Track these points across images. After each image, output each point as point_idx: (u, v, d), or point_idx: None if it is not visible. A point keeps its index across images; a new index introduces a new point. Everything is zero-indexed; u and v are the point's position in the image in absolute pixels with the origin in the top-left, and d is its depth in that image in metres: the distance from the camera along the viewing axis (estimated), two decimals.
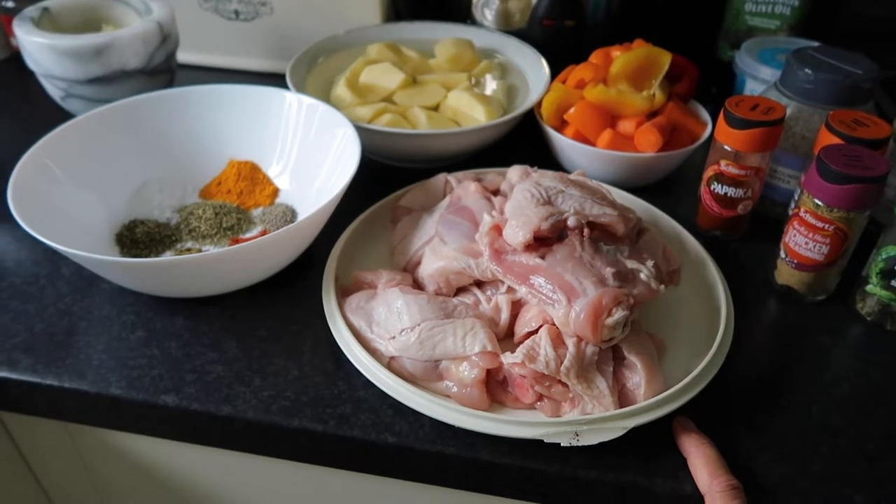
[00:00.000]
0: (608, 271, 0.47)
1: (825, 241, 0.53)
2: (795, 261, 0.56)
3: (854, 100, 0.59)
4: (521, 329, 0.50)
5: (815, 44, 0.68)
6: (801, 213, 0.54)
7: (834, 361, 0.53)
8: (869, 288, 0.55)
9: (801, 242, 0.54)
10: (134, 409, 0.49)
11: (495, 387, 0.48)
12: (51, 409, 0.52)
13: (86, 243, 0.56)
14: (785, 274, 0.57)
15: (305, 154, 0.66)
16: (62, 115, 0.69)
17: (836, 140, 0.54)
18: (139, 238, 0.60)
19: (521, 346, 0.47)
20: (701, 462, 0.43)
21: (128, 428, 0.52)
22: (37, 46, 0.69)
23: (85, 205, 0.60)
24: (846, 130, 0.54)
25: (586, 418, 0.44)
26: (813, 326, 0.56)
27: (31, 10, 0.73)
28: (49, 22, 0.74)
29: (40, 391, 0.50)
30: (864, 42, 0.70)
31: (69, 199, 0.58)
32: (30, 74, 0.74)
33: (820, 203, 0.52)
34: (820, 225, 0.53)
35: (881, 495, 0.44)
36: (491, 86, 0.77)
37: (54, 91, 0.73)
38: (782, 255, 0.57)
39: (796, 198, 0.56)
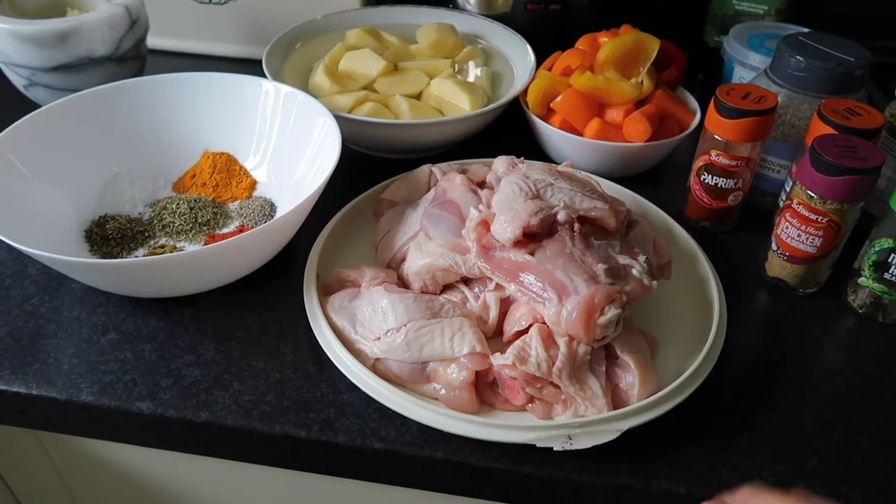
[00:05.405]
0: (600, 268, 0.46)
1: (818, 233, 0.52)
2: (787, 253, 0.55)
3: (846, 88, 0.58)
4: (510, 328, 0.48)
5: (804, 29, 0.67)
6: (794, 205, 0.53)
7: (826, 355, 0.52)
8: (861, 280, 0.54)
9: (794, 235, 0.53)
10: (107, 416, 0.47)
11: (485, 388, 0.46)
12: (19, 418, 0.49)
13: (53, 241, 0.53)
14: (776, 266, 0.56)
15: (284, 145, 0.63)
16: (25, 105, 0.65)
17: (828, 129, 0.53)
18: (110, 235, 0.57)
19: (511, 346, 0.45)
20: None
21: (101, 436, 0.50)
22: None
23: (51, 201, 0.57)
24: (839, 120, 0.53)
25: (579, 421, 0.43)
26: (805, 320, 0.55)
27: None
28: (9, 6, 0.71)
29: (7, 399, 0.47)
30: (852, 26, 0.68)
31: (34, 195, 0.55)
32: None
33: (813, 195, 0.51)
34: (813, 217, 0.52)
35: (877, 491, 0.43)
36: (475, 73, 0.75)
37: (17, 79, 0.70)
38: (774, 247, 0.56)
39: (788, 189, 0.55)
